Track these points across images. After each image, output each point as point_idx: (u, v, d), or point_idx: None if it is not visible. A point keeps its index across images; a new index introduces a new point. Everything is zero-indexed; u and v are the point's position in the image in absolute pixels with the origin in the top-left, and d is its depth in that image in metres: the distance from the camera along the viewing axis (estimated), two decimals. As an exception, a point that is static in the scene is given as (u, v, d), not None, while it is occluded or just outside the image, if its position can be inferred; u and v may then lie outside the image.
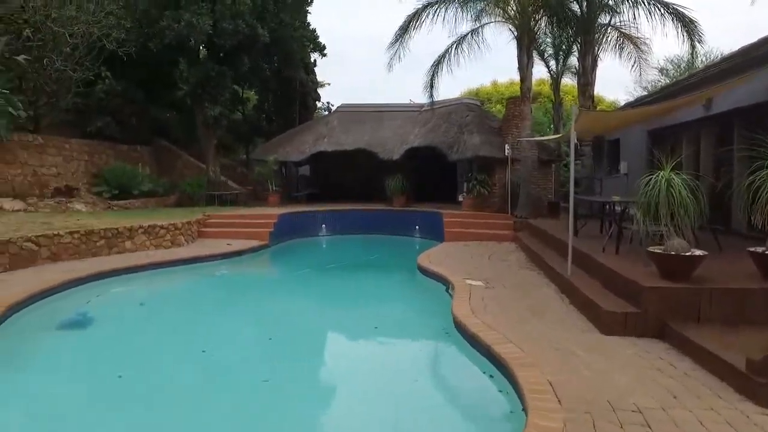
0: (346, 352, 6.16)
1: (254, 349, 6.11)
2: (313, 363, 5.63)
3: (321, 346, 6.56)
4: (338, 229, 15.29)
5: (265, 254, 12.17)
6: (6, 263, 8.92)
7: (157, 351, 5.99)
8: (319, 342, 6.63)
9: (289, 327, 6.93)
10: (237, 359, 5.63)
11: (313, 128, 18.40)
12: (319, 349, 6.39)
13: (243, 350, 5.98)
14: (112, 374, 5.00)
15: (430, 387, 4.78)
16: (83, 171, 15.34)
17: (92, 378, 5.18)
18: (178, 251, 11.23)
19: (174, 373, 5.23)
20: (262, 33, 15.44)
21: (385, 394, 4.42)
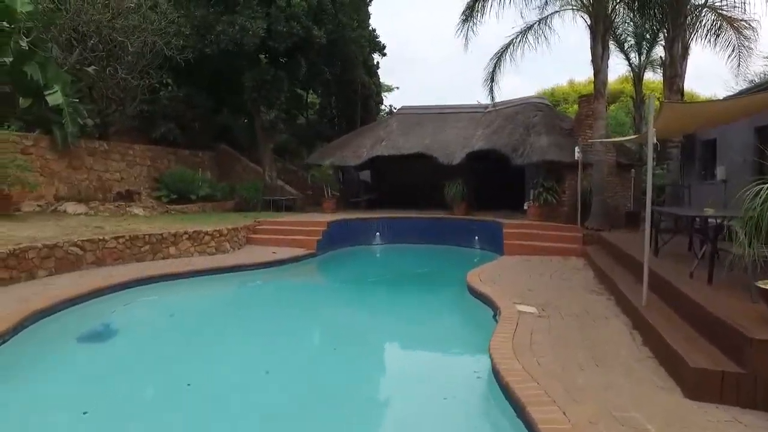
0: (350, 395, 4.83)
1: (246, 378, 5.37)
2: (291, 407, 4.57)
3: (315, 385, 5.10)
4: (392, 238, 14.46)
5: (308, 264, 11.59)
6: (52, 267, 8.98)
7: (173, 372, 5.45)
8: (315, 380, 5.22)
9: (292, 353, 6.12)
10: (234, 386, 4.95)
11: (372, 132, 17.75)
12: (311, 391, 4.97)
13: (240, 378, 5.27)
14: (110, 400, 4.49)
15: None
16: (145, 176, 15.70)
17: (87, 401, 4.70)
18: (220, 258, 10.94)
19: (187, 399, 4.63)
20: (318, 34, 15.00)
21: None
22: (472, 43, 12.82)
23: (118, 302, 7.89)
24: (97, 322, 7.01)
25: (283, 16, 14.40)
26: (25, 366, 5.54)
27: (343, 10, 15.83)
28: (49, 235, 9.68)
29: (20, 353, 5.73)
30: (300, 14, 14.49)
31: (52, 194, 12.64)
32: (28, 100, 12.05)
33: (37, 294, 7.50)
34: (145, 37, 14.00)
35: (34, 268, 8.65)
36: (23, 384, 5.14)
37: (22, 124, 12.34)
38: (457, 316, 7.58)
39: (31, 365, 5.58)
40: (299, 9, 14.41)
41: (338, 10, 15.78)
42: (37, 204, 12.17)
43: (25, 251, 8.55)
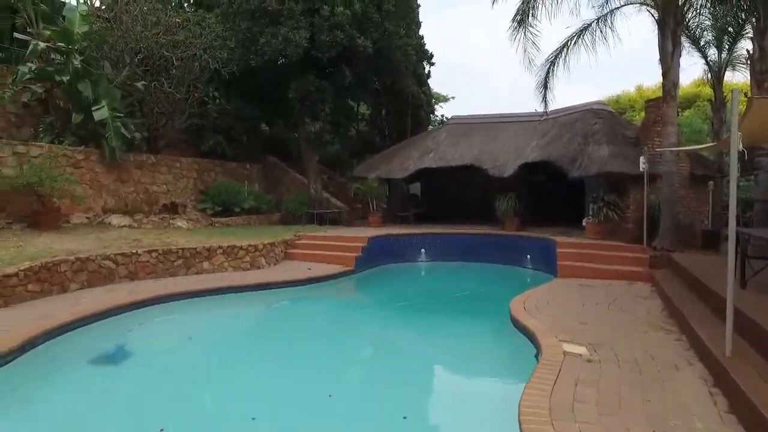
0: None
1: (255, 412, 4.76)
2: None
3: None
4: (438, 255, 13.60)
5: (343, 282, 10.96)
6: (84, 280, 8.93)
7: (179, 406, 4.97)
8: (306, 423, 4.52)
9: (298, 386, 5.44)
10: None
11: (420, 143, 17.04)
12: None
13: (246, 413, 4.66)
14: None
15: None
16: (191, 188, 15.81)
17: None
18: (252, 274, 10.56)
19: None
20: (363, 43, 14.54)
21: None
22: (532, 50, 11.79)
23: (139, 320, 7.62)
24: (110, 342, 6.75)
25: (327, 25, 14.07)
26: (21, 391, 5.25)
27: (389, 18, 15.29)
28: (87, 248, 9.71)
29: (21, 375, 5.48)
30: (343, 23, 14.10)
31: (101, 206, 12.88)
32: (80, 115, 12.36)
33: (60, 309, 7.37)
34: (192, 51, 14.11)
35: (66, 281, 8.62)
36: (14, 412, 4.85)
37: (75, 139, 12.67)
38: (493, 354, 6.60)
39: (28, 390, 5.28)
40: (343, 18, 14.02)
41: (384, 18, 15.26)
42: (86, 216, 12.40)
43: (57, 264, 8.53)
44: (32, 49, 11.80)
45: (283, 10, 13.85)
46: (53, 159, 11.54)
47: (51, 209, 11.09)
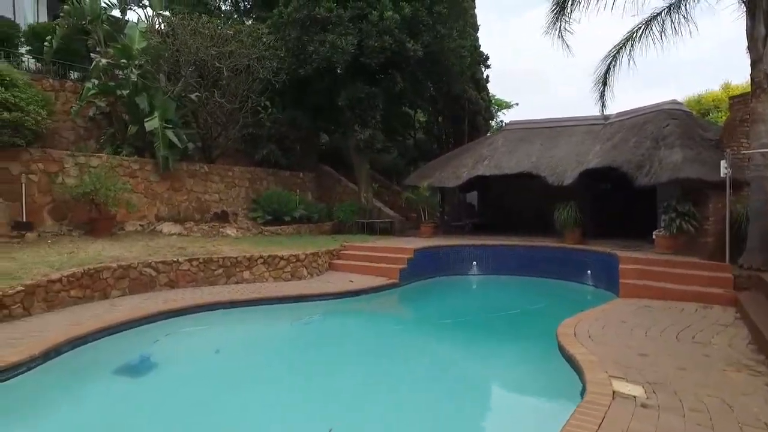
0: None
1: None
2: None
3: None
4: (490, 268, 12.76)
5: (385, 296, 10.44)
6: (126, 287, 9.06)
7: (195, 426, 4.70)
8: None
9: (318, 409, 4.97)
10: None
11: (474, 150, 16.24)
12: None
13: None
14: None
15: None
16: (243, 197, 15.98)
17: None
18: (291, 286, 10.31)
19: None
20: (412, 47, 14.07)
21: None
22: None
23: (170, 329, 7.52)
24: (135, 353, 6.64)
25: (375, 30, 13.74)
26: (36, 399, 5.19)
27: (441, 21, 14.72)
28: (133, 255, 9.88)
29: (40, 383, 5.43)
30: (392, 27, 13.70)
31: (154, 214, 13.24)
32: (135, 127, 12.80)
33: (95, 316, 7.42)
34: (246, 62, 14.27)
35: (107, 288, 8.76)
36: (28, 419, 4.76)
37: (132, 149, 13.14)
38: (534, 386, 5.74)
39: (43, 399, 5.21)
40: (391, 22, 13.63)
41: (436, 21, 14.71)
42: (140, 224, 12.78)
43: (99, 271, 8.69)
44: (95, 66, 12.39)
45: (331, 18, 13.69)
46: (110, 169, 11.98)
47: (106, 217, 11.49)
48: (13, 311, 7.19)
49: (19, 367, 5.48)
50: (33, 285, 7.51)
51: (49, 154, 11.21)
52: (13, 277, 7.75)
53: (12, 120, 9.85)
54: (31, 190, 10.82)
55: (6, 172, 10.47)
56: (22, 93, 10.18)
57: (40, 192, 10.96)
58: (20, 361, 5.50)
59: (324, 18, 13.71)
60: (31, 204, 10.81)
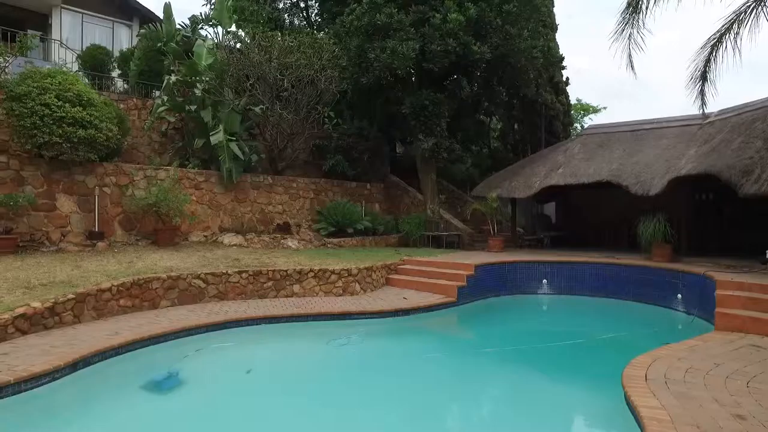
0: None
1: None
2: None
3: None
4: (563, 287, 11.51)
5: (438, 316, 9.63)
6: (175, 298, 9.13)
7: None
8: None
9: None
10: None
11: (549, 157, 14.95)
12: None
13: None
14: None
15: None
16: (308, 208, 15.94)
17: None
18: (340, 301, 9.87)
19: None
20: (478, 50, 13.24)
21: None
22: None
23: (205, 344, 7.35)
24: (164, 368, 6.52)
25: (438, 34, 13.10)
26: (57, 412, 5.14)
27: (511, 20, 13.74)
28: (188, 266, 10.01)
29: (58, 397, 5.38)
30: (456, 30, 12.99)
31: (218, 225, 13.51)
32: (201, 140, 13.20)
33: (135, 327, 7.45)
34: (307, 73, 14.28)
35: (156, 298, 8.86)
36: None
37: (198, 162, 13.57)
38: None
39: (64, 412, 5.16)
40: (455, 24, 12.92)
41: (505, 21, 13.76)
42: (203, 234, 13.10)
43: (149, 281, 8.82)
44: (165, 84, 12.98)
45: (392, 23, 13.28)
46: (176, 181, 12.40)
47: (169, 227, 11.85)
48: (64, 318, 7.39)
49: (42, 377, 5.47)
50: (83, 294, 7.71)
51: (121, 168, 11.81)
52: (72, 285, 8.05)
53: (86, 137, 10.43)
54: (104, 202, 11.43)
55: (83, 185, 11.14)
56: (97, 111, 10.77)
57: (112, 203, 11.55)
58: (44, 371, 5.49)
59: (385, 24, 13.34)
60: (104, 215, 11.40)
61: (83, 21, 18.49)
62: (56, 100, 10.19)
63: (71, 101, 10.37)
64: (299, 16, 21.01)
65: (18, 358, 5.87)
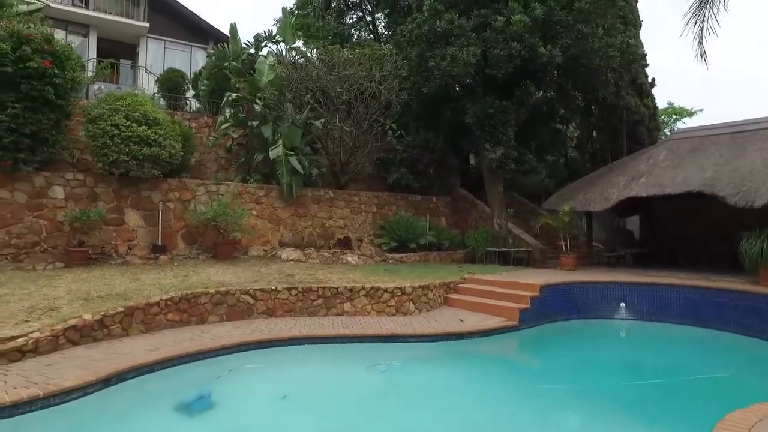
0: None
1: None
2: None
3: None
4: (644, 313, 10.17)
5: (495, 341, 8.75)
6: (223, 314, 9.08)
7: None
8: None
9: None
10: None
11: (629, 166, 13.50)
12: None
13: None
14: None
15: None
16: (370, 223, 15.62)
17: None
18: (390, 322, 9.33)
19: None
20: (546, 52, 12.27)
21: None
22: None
23: (244, 362, 7.13)
24: (197, 388, 6.34)
25: (501, 38, 12.33)
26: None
27: (583, 18, 12.63)
28: (240, 281, 9.99)
29: (84, 413, 5.32)
30: (521, 32, 12.13)
31: (278, 240, 13.56)
32: (261, 155, 13.37)
33: (176, 343, 7.40)
34: (367, 84, 14.07)
35: (204, 313, 8.85)
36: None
37: (259, 177, 13.76)
38: None
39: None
40: (519, 27, 12.07)
41: (576, 19, 12.68)
42: (263, 249, 13.18)
43: (197, 296, 8.83)
44: (226, 101, 13.35)
45: (452, 30, 12.71)
46: (236, 196, 12.61)
47: (228, 241, 12.02)
48: (113, 331, 7.53)
49: (72, 392, 5.47)
50: (132, 307, 7.83)
51: (184, 183, 12.20)
52: (125, 297, 8.24)
53: (150, 154, 10.86)
54: (168, 217, 11.84)
55: (149, 200, 11.63)
56: (161, 130, 11.21)
57: (175, 218, 11.94)
58: (74, 386, 5.49)
59: (445, 31, 12.80)
60: (168, 229, 11.81)
61: (165, 47, 19.86)
62: (125, 120, 10.73)
63: (138, 121, 10.87)
64: (366, 30, 21.05)
65: (58, 371, 5.97)
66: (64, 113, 10.63)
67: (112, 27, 18.92)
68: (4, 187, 10.12)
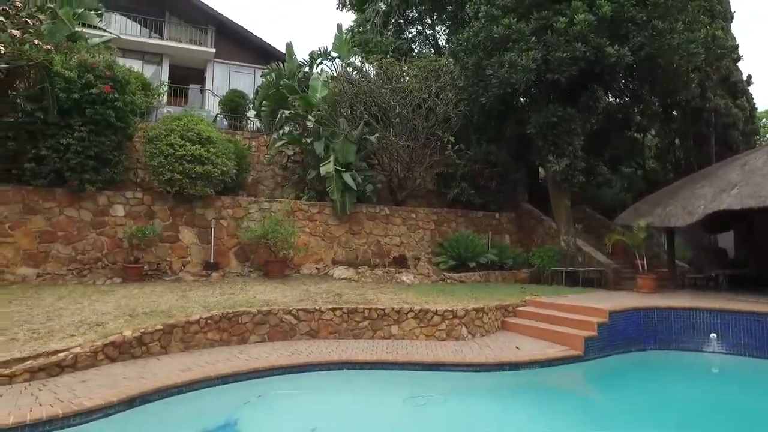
0: None
1: None
2: None
3: None
4: (743, 346, 8.69)
5: (556, 373, 7.76)
6: (265, 334, 8.84)
7: None
8: None
9: None
10: None
11: (717, 175, 11.88)
12: None
13: None
14: None
15: None
16: (428, 240, 14.97)
17: None
18: (438, 347, 8.63)
19: None
20: (614, 52, 11.17)
21: None
22: None
23: (274, 387, 6.77)
24: (223, 414, 6.05)
25: (563, 39, 11.40)
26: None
27: (659, 13, 11.40)
28: (287, 300, 9.75)
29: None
30: (586, 32, 11.15)
31: (331, 258, 13.29)
32: (313, 172, 13.24)
33: (210, 364, 7.18)
34: (422, 97, 13.62)
35: (245, 333, 8.64)
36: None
37: (313, 194, 13.63)
38: None
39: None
40: (583, 26, 11.09)
41: (651, 15, 11.48)
42: (315, 267, 12.96)
43: (239, 315, 8.65)
44: (279, 118, 13.41)
45: (511, 35, 11.96)
46: (289, 213, 12.52)
47: (279, 259, 11.90)
48: (151, 348, 7.48)
49: (94, 413, 5.34)
50: (171, 325, 7.77)
51: (237, 201, 12.29)
52: (168, 315, 8.23)
53: (202, 172, 11.03)
54: (221, 234, 11.94)
55: (202, 217, 11.81)
56: (215, 148, 11.38)
57: (228, 235, 12.02)
58: (96, 406, 5.37)
59: (503, 36, 12.06)
60: (221, 246, 11.90)
61: (231, 70, 20.69)
62: (179, 140, 11.00)
63: (192, 140, 11.10)
64: (426, 43, 20.71)
65: (88, 388, 5.91)
66: (125, 135, 11.09)
67: (182, 54, 20.03)
68: (71, 206, 10.67)
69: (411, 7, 19.51)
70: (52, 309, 8.28)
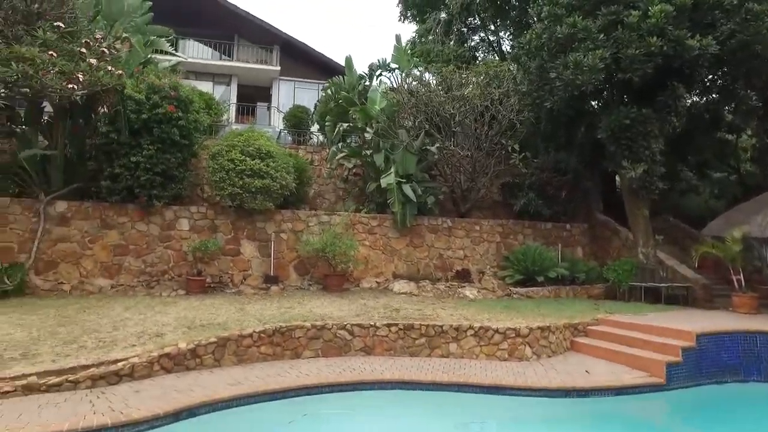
0: None
1: None
2: None
3: None
4: None
5: (632, 403, 6.90)
6: (318, 349, 8.68)
7: None
8: None
9: None
10: None
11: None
12: None
13: None
14: None
15: None
16: (493, 253, 14.28)
17: None
18: (498, 368, 8.03)
19: None
20: (696, 44, 10.10)
21: None
22: None
23: (320, 406, 6.55)
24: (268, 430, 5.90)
25: (635, 35, 10.47)
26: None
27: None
28: (343, 314, 9.56)
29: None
30: (662, 24, 10.17)
31: (391, 272, 12.99)
32: (373, 184, 13.09)
33: (260, 378, 7.11)
34: (484, 104, 13.11)
35: (299, 347, 8.52)
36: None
37: (373, 206, 13.46)
38: None
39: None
40: (660, 18, 10.13)
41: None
42: (375, 281, 12.71)
43: (292, 330, 8.55)
44: (337, 131, 13.42)
45: (576, 34, 11.20)
46: (348, 226, 12.42)
47: (338, 273, 11.78)
48: (205, 361, 7.52)
49: (141, 424, 5.37)
50: (224, 338, 7.79)
51: (297, 215, 12.37)
52: (225, 327, 8.29)
53: (262, 186, 11.21)
54: (281, 247, 12.04)
55: (263, 231, 11.98)
56: (274, 162, 11.55)
57: (288, 249, 12.10)
58: (142, 418, 5.40)
59: (567, 36, 11.32)
60: (280, 260, 11.99)
61: (295, 87, 21.25)
62: (240, 155, 11.25)
63: (251, 155, 11.33)
64: (491, 50, 20.14)
65: (140, 399, 5.98)
66: (189, 152, 11.54)
67: (249, 74, 20.89)
68: (141, 221, 11.22)
69: (473, 14, 19.07)
70: (118, 319, 8.62)
